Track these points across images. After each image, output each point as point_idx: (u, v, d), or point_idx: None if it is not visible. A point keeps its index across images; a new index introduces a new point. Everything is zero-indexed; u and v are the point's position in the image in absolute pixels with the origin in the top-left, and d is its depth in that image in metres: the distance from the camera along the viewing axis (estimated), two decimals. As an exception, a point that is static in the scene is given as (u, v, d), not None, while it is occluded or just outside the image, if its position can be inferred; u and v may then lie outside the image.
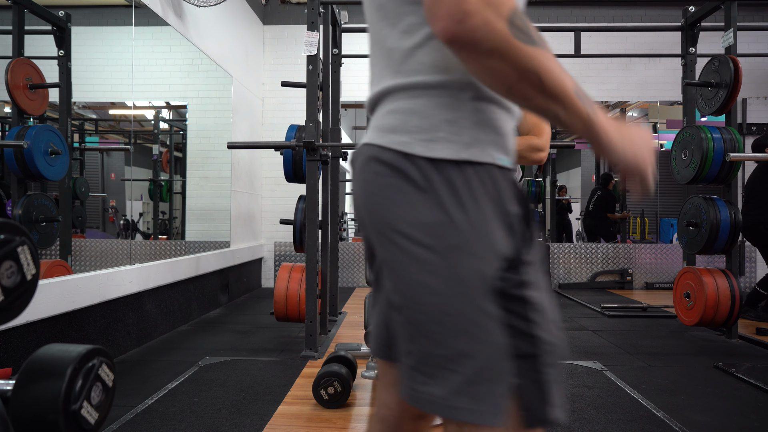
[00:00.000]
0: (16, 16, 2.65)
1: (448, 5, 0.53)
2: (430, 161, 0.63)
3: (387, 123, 0.67)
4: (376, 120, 0.70)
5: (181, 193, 4.70)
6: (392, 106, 0.67)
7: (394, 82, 0.67)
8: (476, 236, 0.61)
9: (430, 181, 0.62)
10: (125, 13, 3.16)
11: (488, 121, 0.65)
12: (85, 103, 3.65)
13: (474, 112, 0.64)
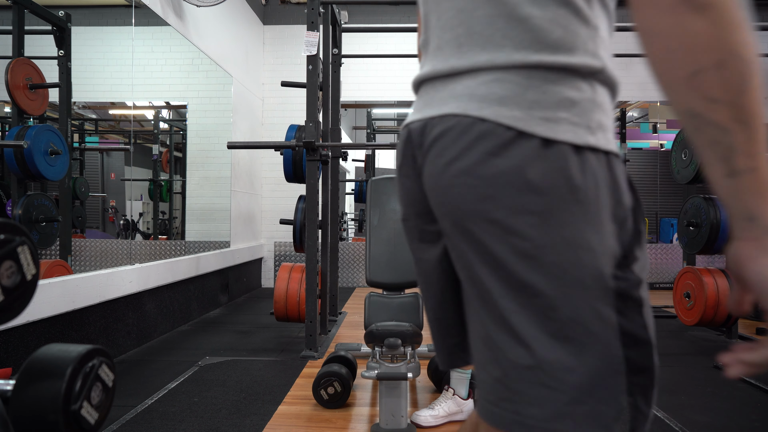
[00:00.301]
0: (16, 16, 2.65)
1: None
2: (548, 143, 0.53)
3: (492, 92, 0.55)
4: (469, 87, 0.57)
5: (181, 193, 4.70)
6: (499, 75, 0.56)
7: (516, 59, 0.55)
8: (594, 230, 0.52)
9: (552, 171, 0.53)
10: (125, 13, 3.16)
11: (606, 106, 0.56)
12: (85, 103, 3.65)
13: (595, 95, 0.55)
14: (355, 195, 6.83)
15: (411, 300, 2.32)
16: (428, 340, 3.24)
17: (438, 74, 0.62)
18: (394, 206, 2.48)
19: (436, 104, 0.61)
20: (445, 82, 0.61)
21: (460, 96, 0.58)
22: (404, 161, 0.67)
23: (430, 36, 0.65)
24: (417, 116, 0.64)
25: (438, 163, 0.59)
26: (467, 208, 0.56)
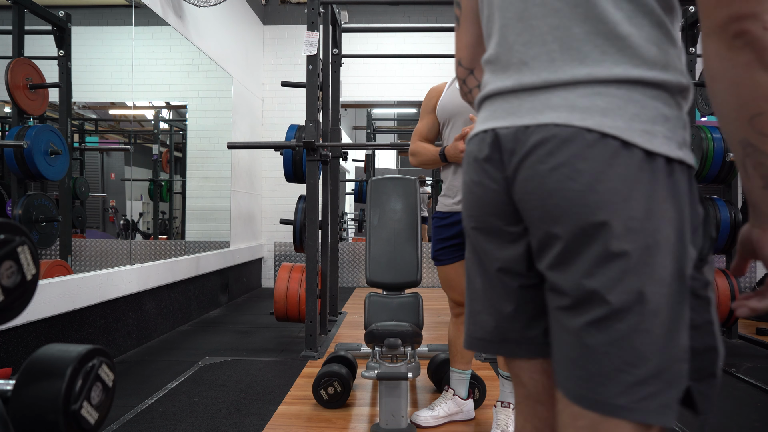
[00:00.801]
0: (16, 16, 2.65)
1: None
2: (646, 154, 0.59)
3: (594, 104, 0.61)
4: (568, 99, 0.62)
5: (181, 193, 4.70)
6: (600, 88, 0.61)
7: (617, 73, 0.61)
8: (680, 235, 0.60)
9: (653, 179, 0.59)
10: (125, 13, 3.16)
11: (687, 124, 0.64)
12: (85, 103, 3.65)
13: (681, 112, 0.63)
14: (355, 195, 6.83)
15: (411, 300, 2.32)
16: (428, 340, 3.24)
17: (525, 87, 0.67)
18: (394, 206, 2.48)
19: (528, 113, 0.65)
20: (535, 94, 0.65)
21: (559, 107, 0.63)
22: (485, 165, 0.70)
23: (504, 51, 0.70)
24: (504, 123, 0.67)
25: (540, 168, 0.63)
26: (574, 211, 0.60)
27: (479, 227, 0.74)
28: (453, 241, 1.82)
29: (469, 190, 0.74)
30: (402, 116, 8.88)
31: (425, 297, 4.77)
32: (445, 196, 1.85)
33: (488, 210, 0.71)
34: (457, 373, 1.95)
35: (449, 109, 1.82)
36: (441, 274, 1.90)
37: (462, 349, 1.93)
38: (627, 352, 0.58)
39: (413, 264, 2.35)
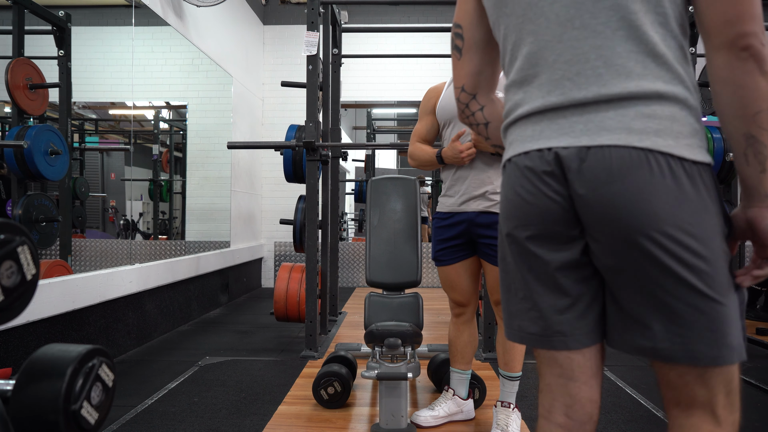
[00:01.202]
0: (16, 16, 2.65)
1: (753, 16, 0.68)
2: (694, 164, 0.72)
3: (647, 126, 0.71)
4: (622, 121, 0.72)
5: (181, 193, 4.70)
6: (647, 110, 0.72)
7: (658, 87, 0.72)
8: (728, 225, 0.75)
9: (700, 182, 0.72)
10: (125, 13, 3.16)
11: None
12: (85, 103, 3.65)
13: (700, 125, 0.75)
14: (355, 195, 6.83)
15: (411, 300, 2.32)
16: (428, 340, 3.24)
17: (576, 102, 0.75)
18: (394, 206, 2.48)
19: (584, 134, 0.74)
20: (586, 112, 0.74)
21: (614, 128, 0.73)
22: (547, 179, 0.78)
23: (543, 70, 0.78)
24: (562, 143, 0.76)
25: (608, 186, 0.72)
26: (640, 222, 0.72)
27: (535, 234, 0.81)
28: (454, 241, 1.79)
29: (524, 200, 0.81)
30: (402, 116, 8.87)
31: (425, 297, 4.77)
32: (446, 197, 1.83)
33: (547, 218, 0.79)
34: (457, 373, 1.95)
35: (449, 110, 1.80)
36: (441, 275, 1.88)
37: (462, 350, 1.91)
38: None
39: (413, 264, 2.35)
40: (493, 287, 1.79)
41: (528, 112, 0.80)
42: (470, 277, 1.83)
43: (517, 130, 0.83)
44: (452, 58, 0.96)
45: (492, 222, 1.71)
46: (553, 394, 0.86)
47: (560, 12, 0.76)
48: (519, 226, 0.83)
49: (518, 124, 0.82)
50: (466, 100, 0.97)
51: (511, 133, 0.84)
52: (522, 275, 0.84)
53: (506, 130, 0.86)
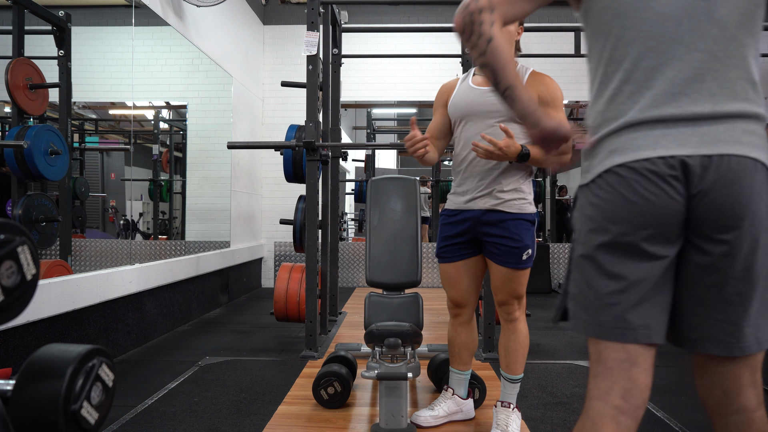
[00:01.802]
0: (16, 16, 2.65)
1: None
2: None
3: (751, 141, 0.85)
4: (733, 135, 0.85)
5: (181, 193, 4.71)
6: (749, 127, 0.86)
7: (755, 109, 0.86)
8: None
9: None
10: (125, 13, 3.16)
11: None
12: (85, 103, 3.65)
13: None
14: (355, 195, 6.83)
15: (411, 300, 2.32)
16: (428, 340, 3.24)
17: (689, 116, 0.86)
18: (394, 206, 2.48)
19: (702, 145, 0.85)
20: (699, 124, 0.86)
21: (727, 140, 0.84)
22: (673, 182, 0.87)
23: (660, 83, 0.88)
24: (685, 151, 0.86)
25: (729, 189, 0.84)
26: (748, 219, 0.84)
27: (653, 235, 0.88)
28: (459, 239, 1.77)
29: (648, 201, 0.88)
30: (402, 116, 8.88)
31: (425, 297, 4.76)
32: (455, 194, 1.80)
33: (667, 218, 0.88)
34: (456, 373, 1.94)
35: (461, 107, 1.77)
36: (443, 272, 1.85)
37: (459, 351, 1.89)
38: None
39: (413, 264, 2.35)
40: (498, 287, 1.76)
41: (638, 121, 0.89)
42: (471, 277, 1.81)
43: (623, 138, 0.90)
44: None
45: (498, 220, 1.69)
46: (613, 377, 0.91)
47: (686, 36, 0.87)
48: (636, 227, 0.89)
49: (626, 131, 0.90)
50: (485, 4, 0.94)
51: (614, 140, 0.91)
52: (621, 273, 0.90)
53: (609, 136, 0.92)
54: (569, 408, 2.12)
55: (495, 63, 0.96)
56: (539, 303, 4.76)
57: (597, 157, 0.93)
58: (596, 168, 0.93)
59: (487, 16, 0.94)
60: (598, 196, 0.92)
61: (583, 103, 6.71)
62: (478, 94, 1.74)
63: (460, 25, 0.97)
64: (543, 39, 5.64)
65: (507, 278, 1.73)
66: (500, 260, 1.72)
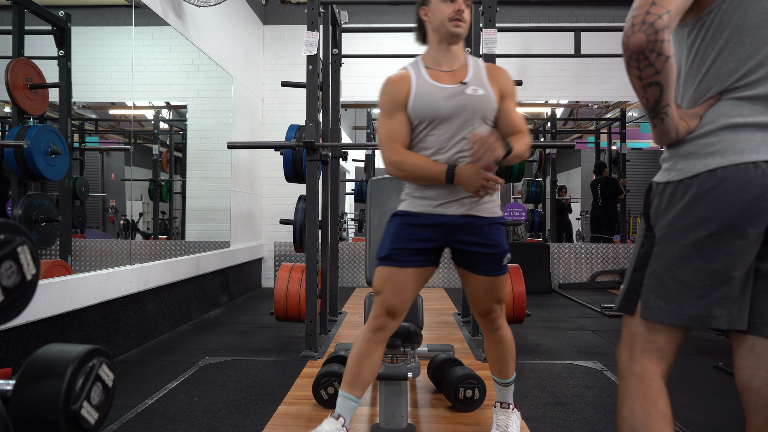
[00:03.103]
0: (16, 16, 2.65)
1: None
2: None
3: None
4: None
5: (181, 193, 4.71)
6: None
7: None
8: None
9: None
10: (125, 13, 3.16)
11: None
12: (85, 103, 3.65)
13: None
14: (355, 195, 6.83)
15: (411, 300, 2.31)
16: (428, 340, 3.24)
17: None
18: (394, 206, 2.47)
19: None
20: None
21: None
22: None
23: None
24: None
25: None
26: None
27: (758, 231, 0.96)
28: (422, 244, 1.57)
29: (746, 203, 0.95)
30: (402, 116, 8.85)
31: (425, 297, 4.77)
32: (420, 198, 1.59)
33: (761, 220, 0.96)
34: (351, 400, 1.57)
35: (431, 110, 1.54)
36: (386, 275, 1.57)
37: (369, 373, 1.58)
38: None
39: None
40: (481, 297, 1.62)
41: (759, 124, 0.96)
42: (417, 287, 1.60)
43: (742, 135, 0.97)
44: None
45: (475, 227, 1.56)
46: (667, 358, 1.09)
47: None
48: (751, 223, 0.96)
49: (744, 130, 0.97)
50: (667, 23, 0.90)
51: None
52: (729, 268, 0.98)
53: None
54: (569, 408, 2.12)
55: (667, 81, 0.94)
56: (539, 303, 4.76)
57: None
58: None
59: (667, 34, 0.91)
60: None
61: (583, 103, 6.72)
62: (448, 94, 1.55)
63: (641, 45, 0.90)
64: (543, 39, 5.64)
65: (490, 287, 1.60)
66: (483, 270, 1.58)
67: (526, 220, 6.98)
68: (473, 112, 1.55)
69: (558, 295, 5.33)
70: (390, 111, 1.58)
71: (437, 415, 2.04)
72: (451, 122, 1.54)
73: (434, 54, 1.63)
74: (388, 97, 1.58)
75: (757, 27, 0.95)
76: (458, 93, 1.55)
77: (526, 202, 7.25)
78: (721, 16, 0.98)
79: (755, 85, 0.96)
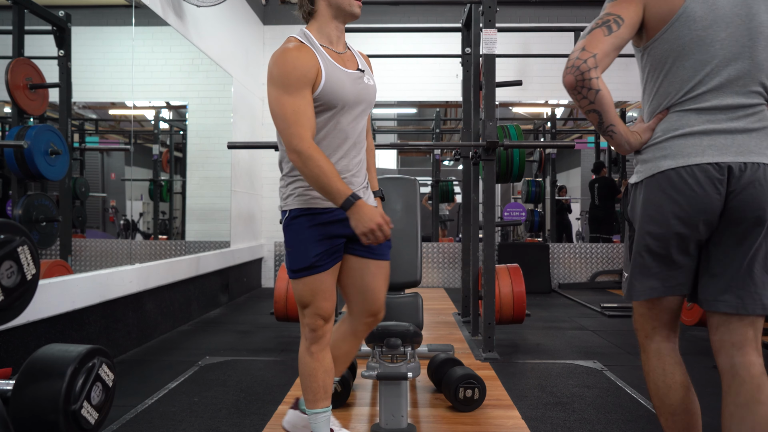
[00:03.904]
0: (16, 16, 2.65)
1: None
2: None
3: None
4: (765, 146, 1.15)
5: (181, 193, 4.71)
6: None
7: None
8: None
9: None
10: (125, 13, 3.16)
11: None
12: (85, 103, 3.65)
13: None
14: (355, 195, 6.80)
15: (411, 300, 2.32)
16: (428, 340, 3.24)
17: (733, 130, 1.16)
18: (394, 206, 2.47)
19: (740, 154, 1.13)
20: (735, 137, 1.15)
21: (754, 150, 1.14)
22: (719, 185, 1.13)
23: (720, 102, 1.17)
24: (730, 159, 1.13)
25: (757, 188, 1.12)
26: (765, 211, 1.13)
27: (701, 223, 1.16)
28: (337, 241, 1.48)
29: (703, 199, 1.14)
30: (402, 116, 8.87)
31: (425, 297, 4.76)
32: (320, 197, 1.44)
33: (712, 211, 1.14)
34: (324, 413, 1.51)
35: (341, 96, 1.42)
36: (313, 285, 1.45)
37: (329, 380, 1.52)
38: None
39: (413, 264, 2.35)
40: (380, 287, 1.57)
41: (705, 131, 1.16)
42: (335, 282, 1.53)
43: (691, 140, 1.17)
44: (596, 32, 1.16)
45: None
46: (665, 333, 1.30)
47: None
48: (695, 217, 1.15)
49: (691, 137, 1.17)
50: (593, 64, 1.13)
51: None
52: (672, 254, 1.20)
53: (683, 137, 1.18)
54: (569, 408, 2.12)
55: (602, 108, 1.16)
56: (539, 303, 4.76)
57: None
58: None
59: (594, 73, 1.13)
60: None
61: (583, 103, 6.71)
62: (352, 80, 1.45)
63: (572, 83, 1.15)
64: (543, 39, 5.64)
65: (386, 273, 1.57)
66: (380, 253, 1.54)
67: (526, 220, 6.99)
68: (368, 104, 1.50)
69: (558, 295, 5.33)
70: (297, 86, 1.35)
71: (437, 415, 2.04)
72: (352, 111, 1.46)
73: (326, 31, 1.45)
74: (295, 71, 1.35)
75: (695, 52, 1.15)
76: (359, 80, 1.46)
77: (525, 202, 7.25)
78: (664, 44, 1.18)
79: (698, 99, 1.16)
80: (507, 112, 7.62)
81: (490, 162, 2.96)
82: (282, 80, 1.36)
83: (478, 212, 3.31)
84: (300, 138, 1.35)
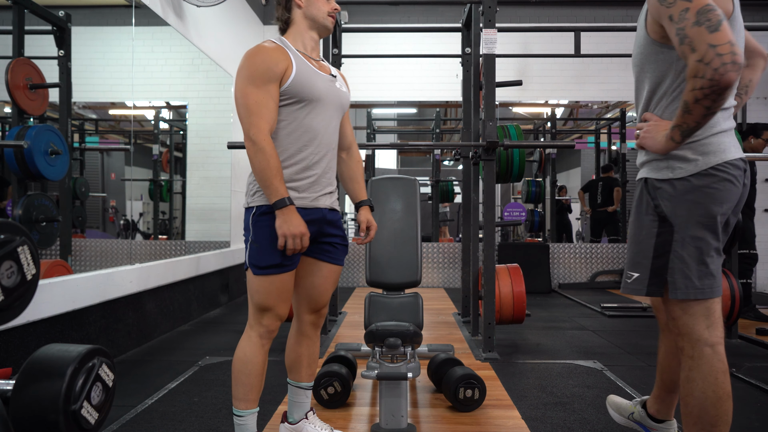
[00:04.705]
0: (16, 16, 2.65)
1: None
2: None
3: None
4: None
5: (181, 193, 4.70)
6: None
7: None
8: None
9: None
10: (125, 13, 3.16)
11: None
12: (85, 103, 3.65)
13: None
14: (355, 195, 6.80)
15: (411, 300, 2.32)
16: (428, 340, 3.24)
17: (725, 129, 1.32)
18: (394, 206, 2.48)
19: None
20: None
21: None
22: (745, 178, 1.28)
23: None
24: (743, 155, 1.28)
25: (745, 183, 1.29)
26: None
27: (729, 217, 1.28)
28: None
29: (737, 192, 1.26)
30: (402, 116, 8.87)
31: (425, 297, 4.77)
32: (294, 191, 1.48)
33: (738, 203, 1.28)
34: (254, 413, 1.65)
35: (310, 89, 1.47)
36: (275, 286, 1.51)
37: (263, 380, 1.69)
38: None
39: (413, 264, 2.36)
40: (327, 289, 1.65)
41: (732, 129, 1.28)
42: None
43: (728, 139, 1.26)
44: (726, 25, 1.03)
45: (336, 219, 1.61)
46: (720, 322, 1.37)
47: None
48: (730, 207, 1.27)
49: (728, 134, 1.27)
50: (741, 60, 1.03)
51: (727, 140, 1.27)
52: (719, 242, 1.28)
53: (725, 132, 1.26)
54: (569, 408, 2.12)
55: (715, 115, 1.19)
56: (539, 303, 4.76)
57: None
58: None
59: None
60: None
61: (583, 104, 6.72)
62: (324, 80, 1.53)
63: (734, 82, 1.02)
64: (543, 39, 5.64)
65: (336, 277, 1.67)
66: (337, 258, 1.63)
67: (526, 220, 6.98)
68: (340, 106, 1.58)
69: (558, 295, 5.33)
70: (263, 80, 1.42)
71: (437, 415, 2.04)
72: (324, 110, 1.51)
73: (302, 40, 1.62)
74: (263, 65, 1.42)
75: None
76: (330, 82, 1.56)
77: (526, 202, 7.25)
78: None
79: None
80: (507, 112, 7.62)
81: (490, 162, 2.96)
82: (250, 72, 1.43)
83: (478, 212, 3.31)
84: (258, 129, 1.39)
